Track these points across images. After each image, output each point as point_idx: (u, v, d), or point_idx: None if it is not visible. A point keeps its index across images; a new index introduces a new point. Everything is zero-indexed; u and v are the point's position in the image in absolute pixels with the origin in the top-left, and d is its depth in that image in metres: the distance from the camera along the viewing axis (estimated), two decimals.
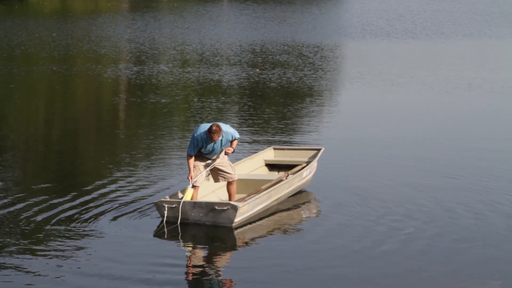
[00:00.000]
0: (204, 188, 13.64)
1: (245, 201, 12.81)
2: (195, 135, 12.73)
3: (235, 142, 13.14)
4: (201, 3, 76.82)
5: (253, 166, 15.20)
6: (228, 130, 12.87)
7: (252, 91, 26.94)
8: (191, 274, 10.79)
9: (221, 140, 12.81)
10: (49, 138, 19.88)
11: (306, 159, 15.15)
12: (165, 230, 12.34)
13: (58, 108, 24.69)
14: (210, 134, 12.55)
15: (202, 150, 12.91)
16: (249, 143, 18.57)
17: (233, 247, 11.90)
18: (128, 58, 34.93)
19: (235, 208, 12.27)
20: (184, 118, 22.19)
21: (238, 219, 12.45)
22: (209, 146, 12.82)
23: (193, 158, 12.82)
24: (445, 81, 29.30)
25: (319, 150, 15.34)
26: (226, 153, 13.07)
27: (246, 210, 12.62)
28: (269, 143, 18.41)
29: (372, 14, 64.60)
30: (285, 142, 18.58)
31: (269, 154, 15.65)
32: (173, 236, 12.18)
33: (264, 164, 15.47)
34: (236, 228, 12.48)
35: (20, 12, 62.61)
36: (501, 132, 20.59)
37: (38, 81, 28.93)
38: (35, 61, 34.00)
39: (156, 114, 22.76)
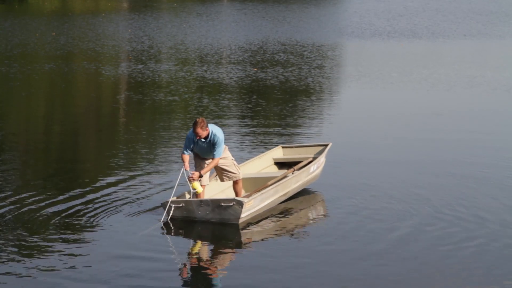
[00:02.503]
0: (212, 188, 13.69)
1: (251, 196, 12.85)
2: (188, 133, 12.86)
3: (211, 164, 12.86)
4: (201, 2, 76.81)
5: (262, 165, 15.22)
6: (217, 133, 12.78)
7: (254, 90, 26.95)
8: (195, 273, 10.81)
9: (210, 141, 12.80)
10: (51, 136, 19.90)
11: (314, 155, 15.18)
12: (171, 228, 12.39)
13: (60, 106, 24.70)
14: (193, 126, 12.61)
15: (196, 151, 12.98)
16: (257, 142, 18.58)
17: (239, 246, 11.91)
18: (130, 57, 34.95)
19: (240, 204, 12.33)
20: (186, 116, 22.21)
21: (244, 214, 12.51)
22: (200, 146, 12.86)
23: (186, 156, 12.85)
24: (446, 79, 29.35)
25: (326, 145, 15.38)
26: (190, 179, 12.81)
27: (252, 205, 12.66)
28: (270, 142, 18.46)
29: (371, 14, 64.61)
30: (288, 142, 18.58)
31: (278, 152, 15.67)
32: (179, 234, 12.22)
33: (273, 162, 15.49)
34: (243, 228, 12.51)
35: (20, 12, 62.62)
36: (507, 129, 20.68)
37: (39, 80, 28.94)
38: (36, 60, 34.01)
39: (158, 113, 22.79)
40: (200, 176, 12.80)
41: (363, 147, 18.31)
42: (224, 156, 13.06)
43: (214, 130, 12.79)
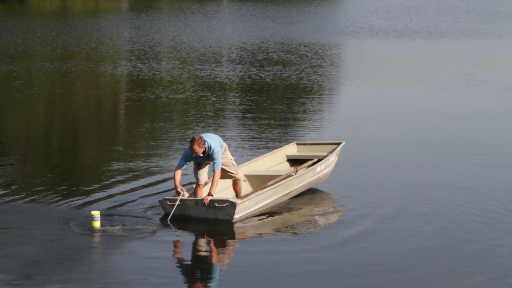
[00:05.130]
0: (218, 185, 13.69)
1: (246, 197, 12.86)
2: (187, 148, 12.91)
3: (214, 179, 12.77)
4: (201, 2, 76.79)
5: (274, 161, 15.07)
6: (214, 146, 12.75)
7: (254, 89, 26.99)
8: (189, 270, 10.85)
9: (208, 155, 12.82)
10: (52, 134, 19.92)
11: (325, 153, 14.94)
12: (168, 226, 12.41)
13: (61, 105, 24.73)
14: (190, 143, 12.67)
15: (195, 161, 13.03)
16: (265, 139, 18.56)
17: (234, 244, 11.96)
18: (133, 57, 34.99)
19: (233, 205, 12.41)
20: (189, 115, 22.22)
21: (238, 215, 12.56)
22: (199, 159, 12.92)
23: (179, 171, 12.86)
24: (447, 79, 29.39)
25: (339, 144, 15.19)
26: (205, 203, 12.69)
27: (246, 206, 12.70)
28: (275, 139, 18.49)
29: (370, 13, 64.62)
30: (293, 139, 18.58)
31: (292, 149, 15.50)
32: (174, 233, 12.24)
33: (286, 159, 15.29)
34: (241, 223, 12.55)
35: (21, 12, 62.64)
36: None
37: (41, 79, 28.96)
38: (37, 59, 34.04)
39: (161, 112, 22.82)
40: (210, 194, 12.73)
41: (370, 145, 18.30)
42: (223, 156, 13.07)
43: (209, 141, 12.78)
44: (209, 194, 12.70)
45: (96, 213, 12.06)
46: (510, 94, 26.27)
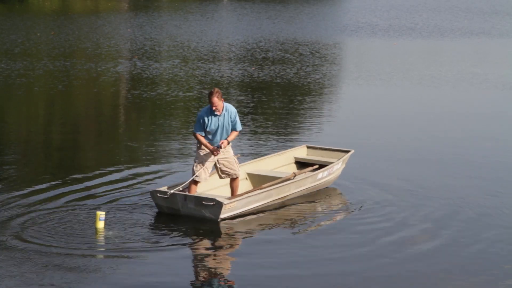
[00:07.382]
0: (216, 182, 13.70)
1: (236, 198, 12.82)
2: (200, 113, 12.87)
3: (233, 134, 12.97)
4: (201, 1, 76.78)
5: (281, 162, 14.95)
6: (231, 109, 12.83)
7: (255, 88, 27.03)
8: (189, 274, 10.79)
9: (224, 115, 12.78)
10: (52, 133, 19.93)
11: (334, 160, 14.76)
12: (160, 221, 12.39)
13: (62, 104, 24.75)
14: (209, 96, 12.60)
15: (209, 131, 12.83)
16: (271, 140, 18.59)
17: (238, 247, 11.85)
18: (136, 57, 35.02)
19: (220, 205, 12.37)
20: (191, 114, 22.26)
21: (224, 215, 12.51)
22: (214, 123, 12.78)
23: (200, 136, 12.80)
24: (449, 77, 29.46)
25: (347, 152, 15.00)
26: (219, 147, 12.81)
27: (234, 207, 12.64)
28: (279, 140, 18.53)
29: (369, 12, 64.65)
30: (295, 140, 18.61)
31: (301, 152, 15.37)
32: (166, 229, 12.17)
33: (294, 161, 15.16)
34: (245, 221, 12.56)
35: (21, 11, 62.65)
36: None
37: (41, 78, 28.99)
38: (38, 59, 34.06)
39: (163, 111, 22.86)
40: (228, 143, 12.81)
41: (376, 146, 18.29)
42: (226, 150, 13.04)
43: (228, 105, 12.84)
44: (227, 142, 12.79)
45: (102, 214, 12.08)
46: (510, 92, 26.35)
